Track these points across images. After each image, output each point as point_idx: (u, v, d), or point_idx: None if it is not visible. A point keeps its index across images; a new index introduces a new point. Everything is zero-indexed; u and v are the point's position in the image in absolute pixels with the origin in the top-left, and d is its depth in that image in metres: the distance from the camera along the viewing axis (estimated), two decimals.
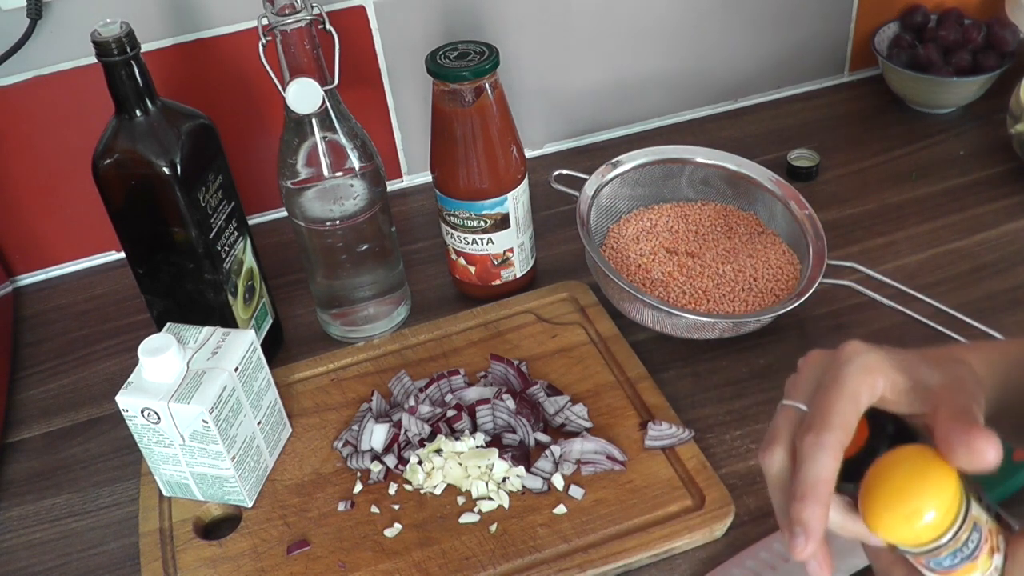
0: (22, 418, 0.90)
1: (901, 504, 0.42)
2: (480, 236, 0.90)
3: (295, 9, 0.77)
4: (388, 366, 0.88)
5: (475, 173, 0.87)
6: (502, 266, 0.93)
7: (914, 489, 0.42)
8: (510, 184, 0.88)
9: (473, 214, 0.89)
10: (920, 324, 0.88)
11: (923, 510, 0.42)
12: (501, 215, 0.89)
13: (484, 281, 0.94)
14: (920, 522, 0.42)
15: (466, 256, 0.92)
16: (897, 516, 0.42)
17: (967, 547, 0.43)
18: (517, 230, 0.91)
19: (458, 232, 0.91)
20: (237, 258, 0.84)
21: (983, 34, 1.15)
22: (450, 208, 0.89)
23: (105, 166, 0.75)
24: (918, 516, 0.42)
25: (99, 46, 0.71)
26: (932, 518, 0.42)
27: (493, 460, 0.76)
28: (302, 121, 0.81)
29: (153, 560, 0.74)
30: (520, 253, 0.93)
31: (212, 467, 0.74)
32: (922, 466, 0.43)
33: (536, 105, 1.12)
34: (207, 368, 0.73)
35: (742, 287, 0.89)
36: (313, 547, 0.74)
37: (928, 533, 0.42)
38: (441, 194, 0.90)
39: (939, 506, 0.42)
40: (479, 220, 0.89)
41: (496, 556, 0.72)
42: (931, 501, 0.42)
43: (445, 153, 0.87)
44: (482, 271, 0.93)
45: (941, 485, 0.42)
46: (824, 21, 1.19)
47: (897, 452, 0.44)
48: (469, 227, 0.90)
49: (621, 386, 0.84)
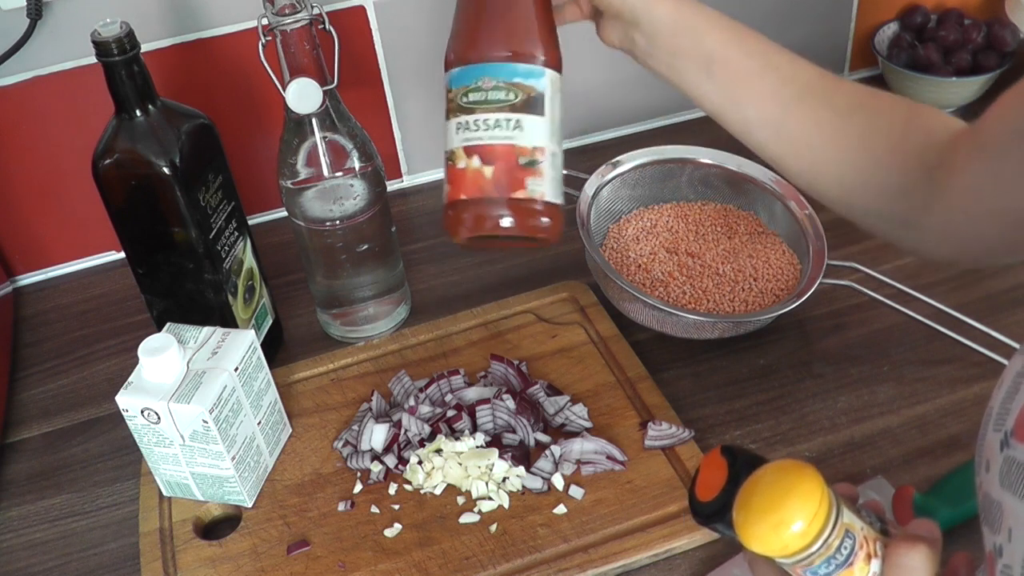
0: (22, 418, 0.90)
1: (767, 515, 0.44)
2: (507, 116, 0.67)
3: (295, 9, 0.77)
4: (388, 366, 0.88)
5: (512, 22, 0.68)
6: (528, 170, 0.68)
7: (778, 500, 0.44)
8: (552, 56, 0.69)
9: (502, 81, 0.67)
10: (920, 324, 0.88)
11: (789, 519, 0.44)
12: (535, 92, 0.68)
13: (503, 191, 0.67)
14: (787, 531, 0.44)
15: (482, 153, 0.67)
16: (765, 527, 0.44)
17: (840, 554, 0.45)
18: (551, 129, 0.69)
19: (476, 115, 0.67)
20: (237, 258, 0.84)
21: (983, 34, 1.15)
22: (468, 80, 0.67)
23: (105, 166, 0.75)
24: (784, 525, 0.44)
25: (99, 46, 0.71)
26: (799, 527, 0.44)
27: (493, 460, 0.76)
28: (302, 121, 0.81)
29: (153, 560, 0.74)
30: (552, 166, 0.69)
31: (212, 467, 0.74)
32: (785, 478, 0.45)
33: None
34: (207, 368, 0.73)
35: (742, 287, 0.89)
36: (313, 547, 0.74)
37: (797, 541, 0.44)
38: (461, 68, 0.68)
39: (805, 515, 0.44)
40: (508, 91, 0.68)
41: (496, 556, 0.72)
42: (796, 510, 0.44)
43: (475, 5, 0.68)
44: (502, 173, 0.67)
45: (805, 494, 0.44)
46: (824, 21, 1.19)
47: (762, 470, 0.46)
48: (493, 102, 0.67)
49: (621, 386, 0.84)
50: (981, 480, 0.45)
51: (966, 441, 0.78)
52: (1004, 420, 0.44)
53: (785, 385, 0.84)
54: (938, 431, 0.80)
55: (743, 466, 0.47)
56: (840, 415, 0.82)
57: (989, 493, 0.44)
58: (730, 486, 0.47)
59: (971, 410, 0.81)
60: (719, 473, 0.48)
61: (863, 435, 0.80)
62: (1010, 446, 0.42)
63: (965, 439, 0.79)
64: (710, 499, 0.48)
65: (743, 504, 0.45)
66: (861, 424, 0.81)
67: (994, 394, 0.47)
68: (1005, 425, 0.43)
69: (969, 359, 0.85)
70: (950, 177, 0.57)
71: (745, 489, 0.46)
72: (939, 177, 0.58)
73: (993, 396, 0.47)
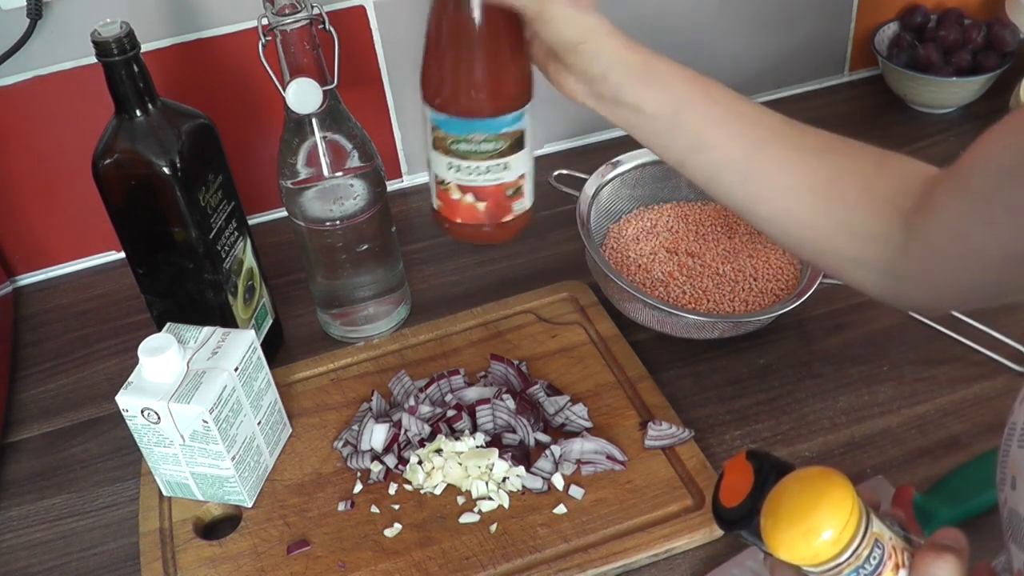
0: (22, 418, 0.90)
1: (798, 523, 0.44)
2: (496, 162, 0.74)
3: (295, 9, 0.77)
4: (388, 366, 0.88)
5: (497, 81, 0.72)
6: (515, 197, 0.76)
7: (810, 508, 0.44)
8: (530, 93, 0.73)
9: (490, 135, 0.73)
10: (920, 324, 0.88)
11: (820, 527, 0.43)
12: (519, 133, 0.74)
13: (494, 219, 0.77)
14: (818, 539, 0.43)
15: (476, 191, 0.75)
16: (795, 535, 0.44)
17: (869, 563, 0.44)
18: (530, 150, 0.76)
19: (468, 162, 0.74)
20: (237, 258, 0.84)
21: (983, 34, 1.15)
22: (459, 132, 0.73)
23: (105, 166, 0.75)
24: (815, 533, 0.43)
25: (99, 46, 0.71)
26: (830, 535, 0.43)
27: (493, 460, 0.76)
28: (302, 121, 0.81)
29: (153, 560, 0.74)
30: (529, 181, 0.77)
31: (212, 467, 0.74)
32: (816, 486, 0.44)
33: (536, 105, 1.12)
34: (207, 368, 0.73)
35: (742, 287, 0.89)
36: (313, 547, 0.74)
37: (827, 550, 0.44)
38: (445, 116, 0.73)
39: (836, 523, 0.43)
40: (497, 141, 0.74)
41: (496, 556, 0.72)
42: (827, 518, 0.43)
43: (454, 60, 0.72)
44: (493, 206, 0.76)
45: (836, 503, 0.44)
46: (824, 21, 1.19)
47: (792, 476, 0.45)
48: (483, 152, 0.73)
49: (621, 386, 0.84)
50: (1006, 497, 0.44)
51: (966, 441, 0.78)
52: None
53: (785, 385, 0.84)
54: (938, 431, 0.80)
55: (770, 472, 0.47)
56: (840, 415, 0.82)
57: (1016, 510, 0.43)
58: (756, 492, 0.46)
59: (971, 410, 0.81)
60: (744, 479, 0.47)
61: (863, 435, 0.80)
62: None
63: (965, 439, 0.79)
64: (735, 505, 0.47)
65: (771, 511, 0.45)
66: (861, 424, 0.81)
67: (1016, 408, 0.46)
68: None
69: (969, 359, 0.85)
70: (927, 221, 0.56)
71: (773, 495, 0.45)
72: (915, 221, 0.57)
73: (1015, 411, 0.46)
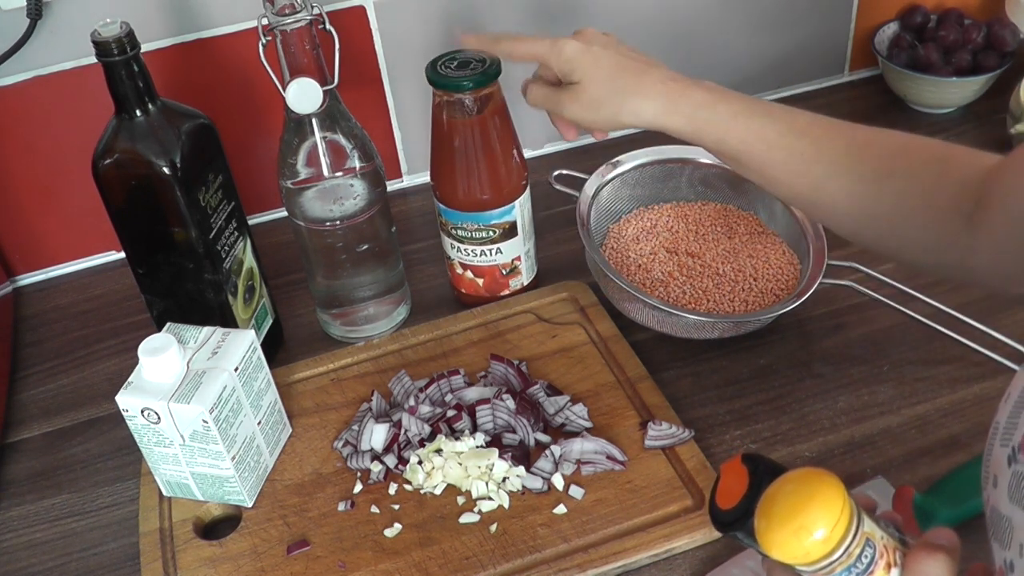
0: (22, 418, 0.90)
1: (790, 522, 0.44)
2: (488, 247, 0.89)
3: (295, 9, 0.77)
4: (388, 366, 0.88)
5: (482, 184, 0.85)
6: (510, 275, 0.92)
7: (801, 507, 0.44)
8: (516, 192, 0.87)
9: (481, 225, 0.87)
10: (920, 324, 0.88)
11: (811, 526, 0.44)
12: (509, 224, 0.88)
13: (493, 292, 0.93)
14: (809, 538, 0.44)
15: (473, 269, 0.91)
16: (787, 534, 0.44)
17: (861, 562, 0.45)
18: (524, 237, 0.90)
19: (465, 245, 0.89)
20: (237, 258, 0.84)
21: (983, 34, 1.15)
22: (456, 220, 0.88)
23: (105, 166, 0.75)
24: (806, 532, 0.44)
25: (99, 46, 0.71)
26: (821, 534, 0.44)
27: (493, 460, 0.76)
28: (302, 121, 0.81)
29: (153, 560, 0.74)
30: (527, 260, 0.92)
31: (212, 467, 0.74)
32: (807, 486, 0.45)
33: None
34: (207, 368, 0.73)
35: (742, 287, 0.89)
36: (313, 547, 0.74)
37: (819, 548, 0.44)
38: (445, 207, 0.88)
39: (826, 522, 0.44)
40: (488, 231, 0.88)
41: (496, 556, 0.72)
42: (818, 517, 0.44)
43: (448, 165, 0.86)
44: (491, 282, 0.92)
45: (827, 502, 0.44)
46: (824, 21, 1.19)
47: (785, 478, 0.46)
48: (477, 239, 0.88)
49: (621, 386, 0.84)
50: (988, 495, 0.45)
51: (966, 441, 0.78)
52: (1011, 435, 0.43)
53: (785, 385, 0.84)
54: (938, 431, 0.79)
55: (764, 474, 0.47)
56: (840, 415, 0.82)
57: (997, 508, 0.44)
58: (751, 494, 0.47)
59: (971, 410, 0.81)
60: (740, 481, 0.48)
61: (863, 435, 0.80)
62: (1018, 461, 0.42)
63: (965, 439, 0.79)
64: (730, 507, 0.48)
65: (764, 511, 0.45)
66: (861, 424, 0.81)
67: (1000, 408, 0.46)
68: (1012, 440, 0.43)
69: (969, 359, 0.85)
70: (989, 214, 0.57)
71: (767, 496, 0.46)
72: (979, 218, 0.58)
73: (999, 410, 0.46)
